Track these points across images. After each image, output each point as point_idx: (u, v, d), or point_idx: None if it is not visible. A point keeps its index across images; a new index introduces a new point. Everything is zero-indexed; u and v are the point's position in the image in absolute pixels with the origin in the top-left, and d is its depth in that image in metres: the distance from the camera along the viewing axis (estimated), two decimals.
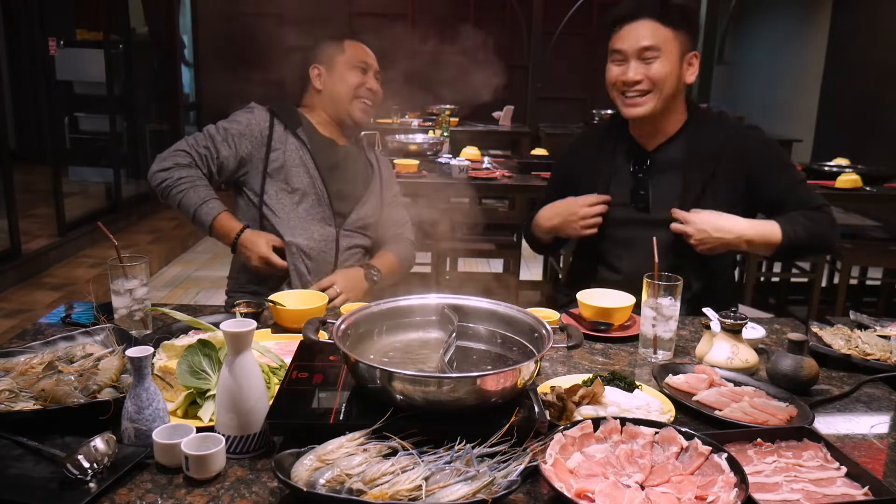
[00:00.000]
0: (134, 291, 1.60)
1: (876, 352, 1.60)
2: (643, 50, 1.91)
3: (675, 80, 1.93)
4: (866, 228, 5.21)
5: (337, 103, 2.24)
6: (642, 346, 1.61)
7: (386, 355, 1.34)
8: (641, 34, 1.91)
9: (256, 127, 2.18)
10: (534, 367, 1.18)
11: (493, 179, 3.92)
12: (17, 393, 1.25)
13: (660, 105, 1.94)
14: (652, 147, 2.04)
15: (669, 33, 1.91)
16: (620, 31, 1.94)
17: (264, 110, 2.23)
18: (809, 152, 8.64)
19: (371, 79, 2.25)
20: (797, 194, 1.96)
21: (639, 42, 1.91)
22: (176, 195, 2.08)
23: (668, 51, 1.91)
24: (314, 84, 2.25)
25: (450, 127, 5.12)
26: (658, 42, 1.90)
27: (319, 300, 1.76)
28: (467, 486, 0.99)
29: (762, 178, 1.97)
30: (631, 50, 1.92)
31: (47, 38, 5.15)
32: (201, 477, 1.08)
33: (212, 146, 2.13)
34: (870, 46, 7.88)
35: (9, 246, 4.64)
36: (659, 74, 1.91)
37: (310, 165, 2.19)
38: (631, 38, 1.92)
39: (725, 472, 1.05)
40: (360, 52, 2.25)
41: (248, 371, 1.13)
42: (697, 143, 2.00)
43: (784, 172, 1.99)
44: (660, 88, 1.92)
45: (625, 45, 1.93)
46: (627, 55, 1.93)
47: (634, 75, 1.92)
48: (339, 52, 2.24)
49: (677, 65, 1.93)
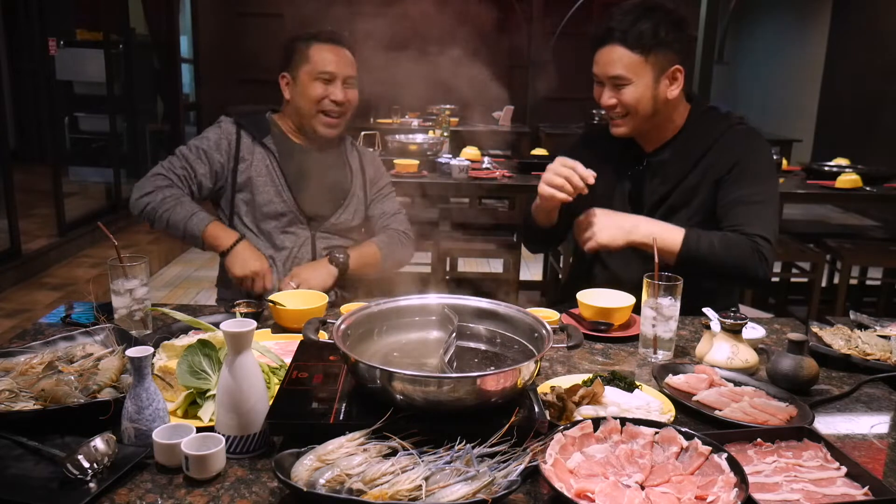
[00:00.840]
0: (134, 291, 1.60)
1: (876, 352, 1.60)
2: (612, 78, 1.89)
3: (649, 102, 1.89)
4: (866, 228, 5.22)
5: (301, 116, 2.19)
6: (642, 346, 1.61)
7: (386, 355, 1.34)
8: (610, 61, 1.87)
9: (224, 140, 2.17)
10: (534, 367, 1.18)
11: (493, 179, 3.92)
12: (17, 393, 1.25)
13: (641, 124, 1.93)
14: (650, 149, 2.03)
15: (638, 59, 1.85)
16: (595, 54, 1.92)
17: (231, 122, 2.21)
18: (809, 152, 8.65)
19: (336, 89, 2.14)
20: (741, 213, 1.86)
21: (606, 70, 1.89)
22: (163, 215, 2.07)
23: (638, 76, 1.86)
24: (283, 93, 2.21)
25: (450, 127, 5.12)
26: (624, 70, 1.86)
27: (319, 300, 1.76)
28: (467, 486, 0.99)
29: (728, 181, 1.91)
30: (602, 76, 1.91)
31: (47, 38, 5.14)
32: (201, 477, 1.08)
33: (187, 165, 2.13)
34: (870, 46, 7.88)
35: (9, 246, 4.64)
36: (629, 101, 1.88)
37: (276, 174, 2.16)
38: (601, 63, 1.90)
39: (725, 472, 1.05)
40: (325, 59, 2.13)
41: (248, 371, 1.13)
42: (690, 140, 1.98)
43: (747, 186, 1.89)
44: (634, 113, 1.91)
45: (597, 69, 1.92)
46: (601, 79, 1.93)
47: (608, 100, 1.92)
48: (304, 61, 2.14)
49: (650, 88, 1.88)
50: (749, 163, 1.91)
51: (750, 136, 1.97)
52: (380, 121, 6.04)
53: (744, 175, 1.90)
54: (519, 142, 6.73)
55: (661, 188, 1.98)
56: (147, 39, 7.15)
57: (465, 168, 3.89)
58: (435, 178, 3.88)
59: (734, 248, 1.81)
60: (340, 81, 2.15)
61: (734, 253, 1.80)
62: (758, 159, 1.93)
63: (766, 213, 1.87)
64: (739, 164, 1.90)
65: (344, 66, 2.16)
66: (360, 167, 2.34)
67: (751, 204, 1.87)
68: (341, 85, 2.15)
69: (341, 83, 2.15)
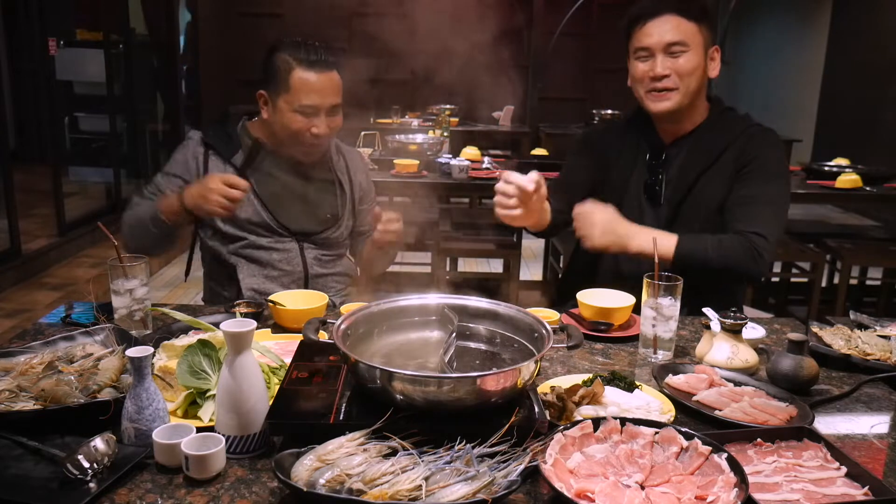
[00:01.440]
0: (134, 291, 1.60)
1: (876, 352, 1.60)
2: (670, 45, 1.89)
3: (701, 74, 1.92)
4: (866, 228, 5.21)
5: (278, 140, 2.03)
6: (642, 346, 1.61)
7: (386, 355, 1.34)
8: (666, 29, 1.89)
9: (192, 162, 2.04)
10: (534, 367, 1.18)
11: (493, 179, 3.92)
12: (17, 393, 1.25)
13: (686, 100, 1.93)
14: (670, 140, 2.04)
15: (693, 27, 1.90)
16: (643, 27, 1.92)
17: (198, 141, 2.07)
18: (809, 152, 8.65)
19: (320, 122, 1.95)
20: (743, 211, 1.88)
21: (665, 37, 1.89)
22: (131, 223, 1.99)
23: (695, 44, 1.90)
24: (261, 110, 2.03)
25: (450, 127, 5.12)
26: (684, 36, 1.89)
27: (319, 300, 1.76)
28: (467, 486, 0.99)
29: (739, 179, 1.93)
30: (658, 45, 1.90)
31: (47, 38, 5.14)
32: (201, 477, 1.08)
33: (157, 192, 2.03)
34: (870, 46, 7.88)
35: (9, 246, 4.64)
36: (686, 68, 1.90)
37: (250, 196, 2.00)
38: (656, 34, 1.90)
39: (725, 472, 1.05)
40: (308, 89, 1.92)
41: (248, 371, 1.13)
42: (708, 136, 1.99)
43: (754, 185, 1.91)
44: (686, 83, 1.91)
45: (650, 40, 1.91)
46: (653, 50, 1.91)
47: (662, 70, 1.90)
48: (283, 88, 1.93)
49: (703, 58, 1.92)
50: (759, 163, 1.93)
51: (766, 136, 1.99)
52: (380, 121, 6.05)
53: (751, 175, 1.92)
54: (519, 142, 6.73)
55: (680, 182, 1.99)
56: (147, 39, 7.15)
57: (465, 168, 3.89)
58: (435, 178, 3.88)
59: (727, 250, 1.82)
60: (324, 113, 1.96)
61: (733, 255, 1.82)
62: (768, 160, 1.94)
63: (766, 211, 1.89)
64: (750, 164, 1.93)
65: (328, 95, 1.96)
66: (348, 176, 2.21)
67: (753, 204, 1.89)
68: (325, 116, 1.97)
69: (325, 114, 1.96)
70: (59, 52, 5.44)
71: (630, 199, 2.06)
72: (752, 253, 1.82)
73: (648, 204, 2.05)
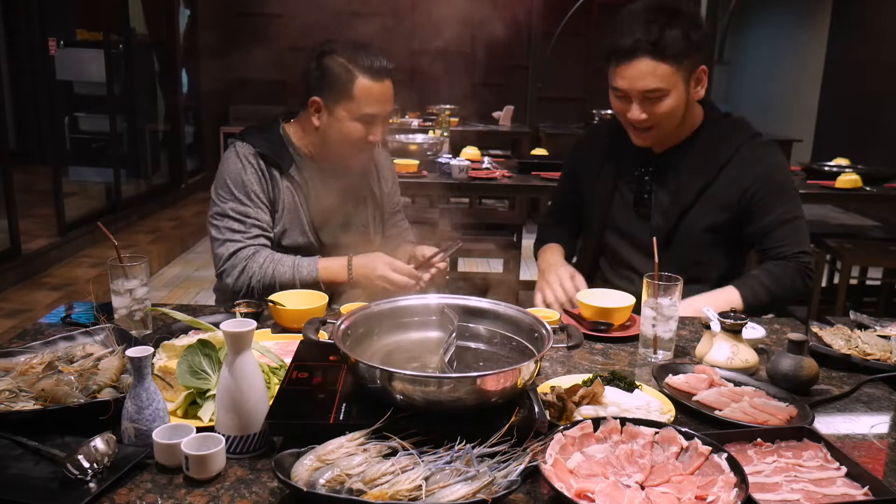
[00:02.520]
0: (134, 291, 1.60)
1: (876, 352, 1.60)
2: (646, 92, 1.79)
3: (681, 108, 1.84)
4: (866, 228, 5.22)
5: (329, 147, 1.98)
6: (642, 346, 1.61)
7: (386, 355, 1.34)
8: (641, 75, 1.77)
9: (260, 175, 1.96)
10: (534, 367, 1.18)
11: (493, 179, 3.93)
12: (17, 393, 1.25)
13: (667, 132, 1.89)
14: (660, 150, 1.98)
15: (669, 70, 1.77)
16: (618, 68, 1.80)
17: (252, 153, 1.95)
18: (809, 152, 8.65)
19: (378, 129, 1.94)
20: (781, 234, 1.89)
21: (638, 85, 1.78)
22: (272, 285, 1.89)
23: (674, 86, 1.79)
24: (311, 118, 1.96)
25: (450, 127, 5.12)
26: (660, 83, 1.77)
27: (319, 300, 1.76)
28: (467, 486, 0.99)
29: (755, 203, 1.89)
30: (632, 91, 1.81)
31: (47, 38, 5.15)
32: (201, 477, 1.08)
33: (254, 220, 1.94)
34: (870, 46, 7.88)
35: (9, 246, 4.64)
36: (663, 112, 1.82)
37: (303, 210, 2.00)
38: (630, 80, 1.79)
39: (725, 472, 1.05)
40: (372, 99, 1.89)
41: (248, 371, 1.13)
42: (705, 148, 1.93)
43: (778, 206, 1.89)
44: (665, 123, 1.85)
45: (625, 85, 1.81)
46: (629, 95, 1.82)
47: (638, 115, 1.82)
48: (345, 96, 1.88)
49: (683, 94, 1.82)
50: (776, 181, 1.91)
51: (770, 151, 1.95)
52: None
53: (773, 195, 1.89)
54: (519, 142, 6.73)
55: (680, 196, 1.93)
56: (147, 39, 7.15)
57: (465, 168, 3.89)
58: (435, 178, 3.88)
59: (786, 279, 1.86)
60: (381, 121, 1.95)
61: (788, 284, 1.87)
62: (783, 175, 1.94)
63: (801, 226, 1.91)
64: (767, 185, 1.89)
65: (388, 103, 1.94)
66: (379, 184, 2.19)
67: (786, 223, 1.89)
68: (382, 125, 1.96)
69: (382, 122, 1.96)
70: (59, 52, 5.43)
71: (617, 212, 2.02)
72: (803, 274, 1.88)
73: (636, 216, 2.00)
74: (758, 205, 1.90)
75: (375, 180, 2.19)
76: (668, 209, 1.95)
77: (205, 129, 8.10)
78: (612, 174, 2.04)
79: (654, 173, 1.99)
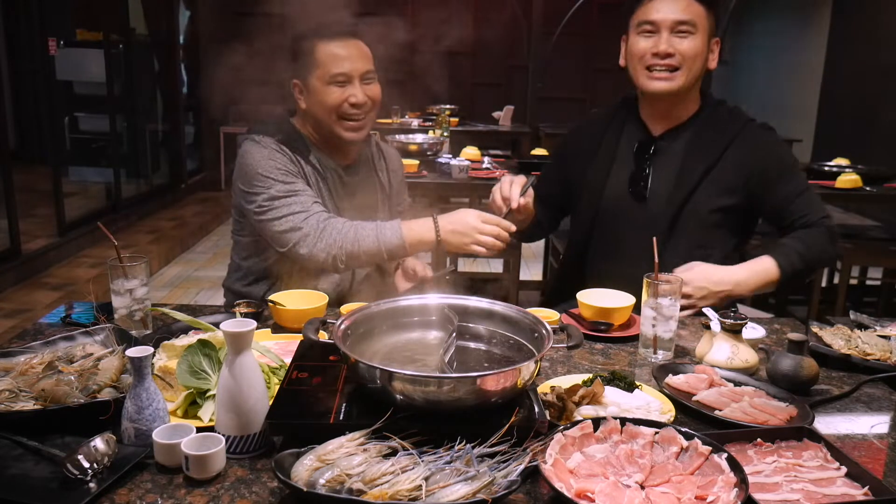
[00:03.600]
0: (134, 291, 1.60)
1: (876, 352, 1.60)
2: (678, 23, 1.85)
3: (703, 60, 1.89)
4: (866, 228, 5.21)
5: (321, 125, 1.96)
6: (642, 346, 1.61)
7: (386, 355, 1.34)
8: (677, 7, 1.85)
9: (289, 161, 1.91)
10: (534, 367, 1.18)
11: (493, 179, 3.92)
12: (17, 393, 1.25)
13: (687, 83, 1.89)
14: (658, 133, 1.99)
15: (702, 10, 1.86)
16: (652, 1, 1.87)
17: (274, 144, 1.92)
18: (809, 152, 8.65)
19: (355, 90, 1.91)
20: (799, 205, 1.91)
21: (674, 14, 1.85)
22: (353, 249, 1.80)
23: (702, 28, 1.87)
24: (298, 102, 1.98)
25: (450, 127, 5.12)
26: (694, 16, 1.85)
27: (319, 300, 1.76)
28: (467, 486, 0.99)
29: (766, 182, 1.92)
30: (665, 21, 1.85)
31: (47, 38, 5.15)
32: (201, 477, 1.08)
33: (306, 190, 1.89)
34: (870, 46, 7.88)
35: (9, 246, 4.64)
36: (691, 50, 1.86)
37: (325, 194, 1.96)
38: (665, 9, 1.85)
39: (725, 472, 1.05)
40: (336, 59, 1.89)
41: (248, 371, 1.13)
42: (705, 131, 1.95)
43: (790, 180, 1.93)
44: (689, 66, 1.87)
45: (658, 15, 1.86)
46: (660, 27, 1.86)
47: (667, 48, 1.86)
48: (313, 65, 1.90)
49: (706, 45, 1.89)
50: (781, 159, 1.96)
51: (770, 132, 2.00)
52: (380, 121, 6.05)
53: (783, 171, 1.93)
54: (519, 142, 6.73)
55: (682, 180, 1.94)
56: (147, 39, 7.15)
57: (465, 168, 3.89)
58: (435, 178, 3.88)
59: (817, 244, 1.87)
60: (358, 80, 1.92)
61: (820, 248, 1.87)
62: (786, 153, 2.00)
63: (815, 196, 1.95)
64: (775, 164, 1.94)
65: (359, 61, 1.92)
66: (388, 177, 2.16)
67: (801, 193, 1.92)
68: (359, 83, 1.92)
69: (359, 81, 1.92)
70: (59, 52, 5.44)
71: (611, 198, 2.02)
72: (834, 237, 1.89)
73: (633, 200, 2.00)
74: (769, 183, 1.93)
75: (384, 171, 2.16)
76: (672, 193, 1.95)
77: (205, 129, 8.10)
78: (608, 156, 2.04)
79: (653, 155, 1.99)
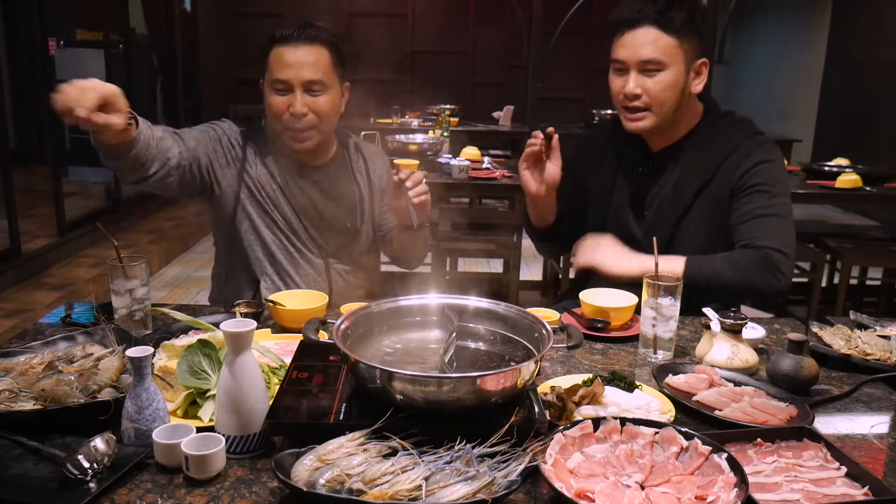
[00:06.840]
0: (134, 291, 1.60)
1: (876, 352, 1.60)
2: (644, 62, 1.78)
3: (677, 94, 1.81)
4: (866, 228, 5.22)
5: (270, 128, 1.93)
6: (642, 346, 1.61)
7: (386, 355, 1.34)
8: (643, 43, 1.77)
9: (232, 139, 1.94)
10: (534, 367, 1.18)
11: (493, 179, 3.93)
12: (17, 393, 1.25)
13: (661, 120, 1.84)
14: (657, 148, 1.95)
15: (673, 43, 1.77)
16: (621, 38, 1.81)
17: (236, 127, 1.97)
18: (809, 152, 8.65)
19: (295, 100, 1.84)
20: (751, 227, 1.78)
21: (639, 53, 1.77)
22: None
23: (674, 62, 1.78)
24: None
25: (450, 127, 5.12)
26: (659, 54, 1.77)
27: (319, 300, 1.76)
28: (467, 486, 0.99)
29: (736, 197, 1.84)
30: (631, 61, 1.79)
31: (47, 38, 5.15)
32: (201, 477, 1.08)
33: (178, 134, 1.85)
34: (870, 46, 7.88)
35: (9, 246, 4.65)
36: (657, 89, 1.79)
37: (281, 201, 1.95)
38: (631, 48, 1.78)
39: (725, 472, 1.05)
40: (279, 64, 1.83)
41: (248, 371, 1.13)
42: (702, 147, 1.89)
43: (756, 200, 1.80)
44: (659, 105, 1.81)
45: (625, 53, 1.80)
46: (628, 66, 1.81)
47: (634, 88, 1.80)
48: (266, 67, 1.87)
49: (682, 77, 1.80)
50: (763, 176, 1.82)
51: (766, 149, 1.88)
52: (380, 121, 6.05)
53: (754, 189, 1.81)
54: (519, 142, 6.73)
55: (678, 197, 1.89)
56: (147, 39, 7.15)
57: (465, 168, 3.89)
58: (435, 178, 3.88)
59: (741, 265, 1.73)
60: (300, 90, 1.84)
61: (743, 270, 1.73)
62: (773, 173, 1.84)
63: (780, 225, 1.78)
64: (751, 179, 1.82)
65: (303, 70, 1.83)
66: (367, 178, 2.10)
67: (760, 217, 1.79)
68: (301, 93, 1.84)
69: (301, 91, 1.84)
70: (59, 52, 5.44)
71: (616, 209, 1.99)
72: (770, 267, 1.72)
73: (633, 217, 1.97)
74: (737, 198, 1.83)
75: (362, 172, 2.10)
76: (667, 212, 1.91)
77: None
78: (611, 172, 2.02)
79: (651, 171, 1.96)
